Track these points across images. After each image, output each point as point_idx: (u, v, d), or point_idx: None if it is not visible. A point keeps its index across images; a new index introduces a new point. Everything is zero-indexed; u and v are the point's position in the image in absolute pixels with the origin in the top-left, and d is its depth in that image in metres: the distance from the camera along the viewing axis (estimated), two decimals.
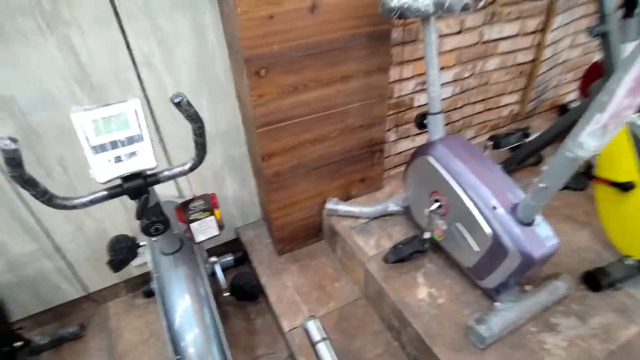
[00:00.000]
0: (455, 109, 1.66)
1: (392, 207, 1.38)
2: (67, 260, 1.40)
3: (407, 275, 1.20)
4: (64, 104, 1.09)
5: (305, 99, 1.17)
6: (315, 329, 0.77)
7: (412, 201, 1.29)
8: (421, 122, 1.16)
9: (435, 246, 1.24)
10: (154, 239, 1.02)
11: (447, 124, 1.68)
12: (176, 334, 1.04)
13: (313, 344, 0.76)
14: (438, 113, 1.12)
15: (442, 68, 1.49)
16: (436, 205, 1.12)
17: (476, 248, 1.03)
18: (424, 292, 1.15)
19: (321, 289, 1.38)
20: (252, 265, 1.52)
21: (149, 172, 0.84)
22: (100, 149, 0.78)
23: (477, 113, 1.76)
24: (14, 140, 0.65)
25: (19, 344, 1.29)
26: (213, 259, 1.41)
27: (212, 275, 1.37)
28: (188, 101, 0.75)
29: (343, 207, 1.41)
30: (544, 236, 0.93)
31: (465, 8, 0.91)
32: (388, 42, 1.20)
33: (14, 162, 0.67)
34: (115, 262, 1.13)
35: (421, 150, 1.14)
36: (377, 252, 1.29)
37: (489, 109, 1.79)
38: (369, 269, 1.23)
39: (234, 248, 1.69)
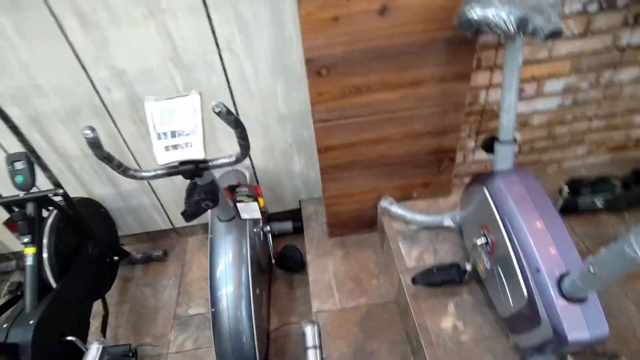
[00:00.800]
0: (561, 123, 1.42)
1: (447, 221, 1.31)
2: (160, 200, 1.71)
3: (437, 299, 1.17)
4: (161, 79, 1.28)
5: (367, 101, 1.15)
6: (310, 335, 0.84)
7: (465, 224, 1.21)
8: (488, 146, 1.05)
9: (479, 278, 1.16)
10: None
11: (546, 137, 1.45)
12: (215, 288, 1.24)
13: (305, 348, 0.83)
14: (508, 142, 0.99)
15: (550, 77, 1.26)
16: (483, 240, 1.04)
17: (511, 303, 0.95)
18: (449, 322, 1.12)
19: (357, 281, 1.44)
20: (304, 239, 1.64)
21: (200, 160, 0.97)
22: (162, 135, 0.93)
23: (594, 131, 1.47)
24: (92, 129, 0.83)
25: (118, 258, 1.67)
26: (268, 227, 1.57)
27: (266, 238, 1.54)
28: (228, 110, 0.83)
29: (396, 209, 1.39)
30: (588, 319, 0.80)
31: (554, 34, 0.76)
32: (472, 49, 1.07)
33: (94, 145, 0.85)
34: (187, 213, 1.36)
35: (479, 178, 1.05)
36: (415, 265, 1.27)
37: (613, 128, 1.48)
38: (402, 280, 1.23)
39: (295, 217, 1.83)
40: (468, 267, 1.10)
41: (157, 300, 1.68)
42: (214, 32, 1.19)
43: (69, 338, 1.27)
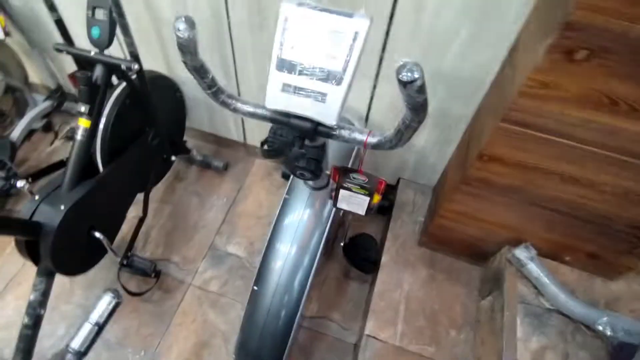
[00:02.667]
0: None
1: (606, 329, 0.90)
2: None
3: None
4: None
5: (612, 125, 0.69)
6: None
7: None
8: None
9: None
10: None
11: None
12: (267, 263, 0.98)
13: None
14: None
15: None
16: None
17: None
18: None
19: (432, 322, 1.12)
20: (386, 233, 1.31)
21: (324, 124, 0.62)
22: (287, 66, 0.57)
23: None
24: (189, 23, 0.49)
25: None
26: None
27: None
28: (423, 85, 0.44)
29: (535, 269, 1.00)
30: None
31: None
32: None
33: (186, 49, 0.53)
34: (267, 147, 1.06)
35: None
36: (530, 359, 0.92)
37: None
38: None
39: (386, 193, 1.47)
40: None
41: (200, 217, 1.49)
42: None
43: (97, 235, 1.11)
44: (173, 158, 1.41)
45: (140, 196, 1.32)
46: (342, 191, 0.80)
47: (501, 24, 0.85)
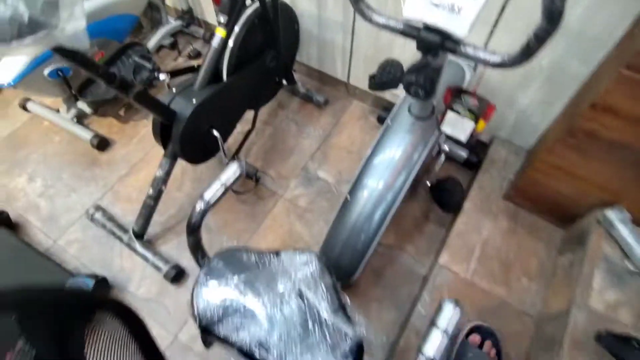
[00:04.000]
0: None
1: None
2: (353, 47, 1.53)
3: None
4: None
5: None
6: (447, 316, 0.69)
7: None
8: None
9: None
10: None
11: None
12: (363, 176, 1.12)
13: (431, 324, 0.69)
14: None
15: None
16: None
17: None
18: None
19: (506, 268, 1.19)
20: (472, 183, 1.38)
21: (453, 37, 0.71)
22: None
23: None
24: None
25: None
26: (446, 146, 1.32)
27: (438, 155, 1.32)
28: None
29: (625, 231, 1.02)
30: None
31: None
32: None
33: None
34: (375, 80, 1.17)
35: None
36: (603, 312, 0.96)
37: None
38: (572, 313, 0.96)
39: (477, 149, 1.53)
40: None
41: (297, 142, 1.67)
42: None
43: (215, 132, 1.33)
44: (284, 82, 1.58)
45: (248, 115, 1.52)
46: (449, 113, 0.89)
47: None
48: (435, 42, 0.73)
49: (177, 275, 1.34)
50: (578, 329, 0.93)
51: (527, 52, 0.64)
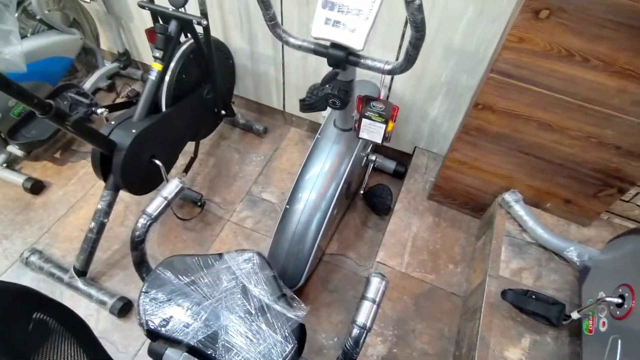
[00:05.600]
0: None
1: (572, 254, 1.14)
2: (285, 78, 1.73)
3: (515, 325, 1.07)
4: None
5: (571, 75, 0.95)
6: (375, 288, 0.81)
7: (596, 270, 1.04)
8: None
9: (578, 332, 1.02)
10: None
11: None
12: (299, 188, 1.26)
13: (362, 297, 0.81)
14: None
15: None
16: (616, 300, 0.88)
17: None
18: (515, 355, 1.02)
19: (434, 257, 1.37)
20: (401, 187, 1.57)
21: (353, 51, 0.91)
22: (329, 5, 0.86)
23: None
24: None
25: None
26: (374, 157, 1.52)
27: (365, 168, 1.50)
28: (420, 5, 0.73)
29: (519, 209, 1.24)
30: None
31: None
32: None
33: None
34: (305, 103, 1.35)
35: None
36: (509, 277, 1.15)
37: None
38: (486, 283, 1.14)
39: (402, 161, 1.75)
40: (575, 315, 0.97)
41: (240, 169, 1.80)
42: None
43: (157, 162, 1.41)
44: (223, 112, 1.73)
45: (189, 148, 1.63)
46: (363, 120, 1.08)
47: (498, 5, 1.13)
48: (342, 57, 0.92)
49: (124, 307, 1.36)
50: (492, 295, 1.11)
51: (409, 58, 0.85)
